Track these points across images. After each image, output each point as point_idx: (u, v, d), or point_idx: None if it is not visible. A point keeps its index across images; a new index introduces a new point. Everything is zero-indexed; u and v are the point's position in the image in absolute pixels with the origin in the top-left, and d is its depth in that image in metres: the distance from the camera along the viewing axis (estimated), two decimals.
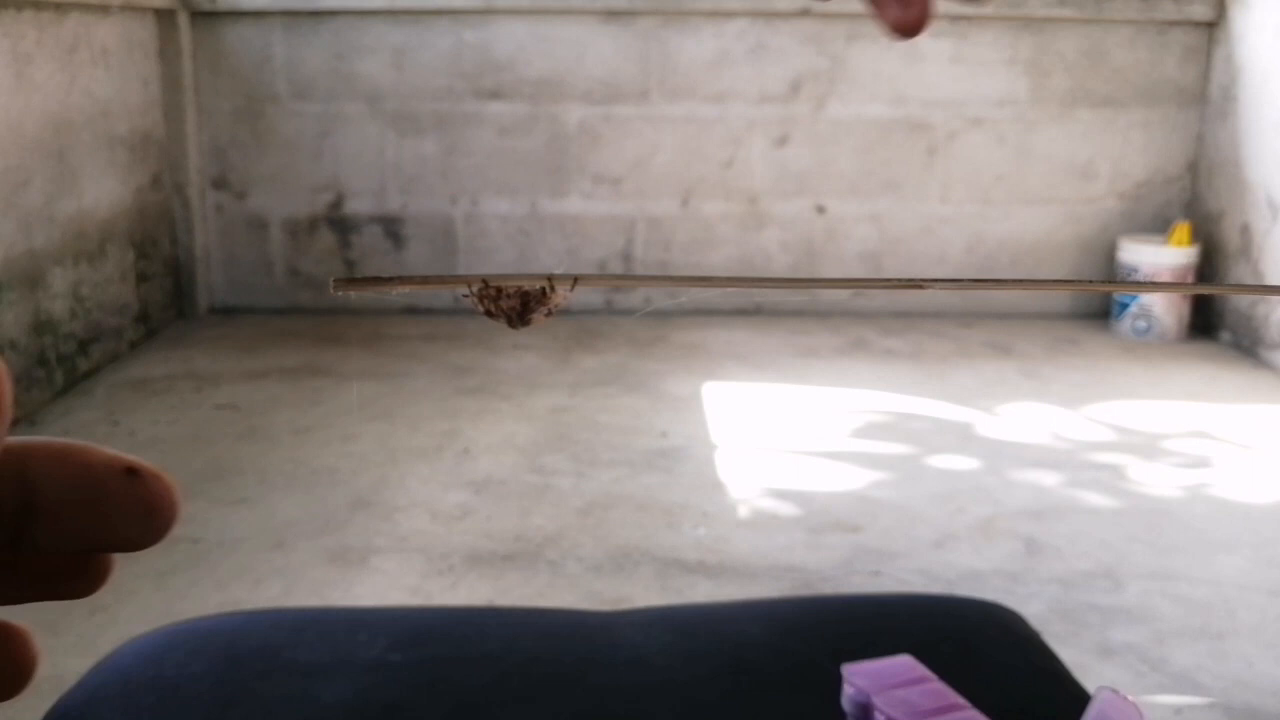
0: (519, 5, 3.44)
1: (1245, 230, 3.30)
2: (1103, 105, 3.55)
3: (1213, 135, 3.50)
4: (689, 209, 3.59)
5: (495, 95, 3.50)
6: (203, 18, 3.43)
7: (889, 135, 3.55)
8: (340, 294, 0.31)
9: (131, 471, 0.25)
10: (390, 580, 1.88)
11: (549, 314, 0.36)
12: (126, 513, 0.25)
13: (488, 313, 0.35)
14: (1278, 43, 3.17)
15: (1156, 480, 2.35)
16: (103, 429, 2.55)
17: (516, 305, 0.36)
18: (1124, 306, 3.44)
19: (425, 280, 0.32)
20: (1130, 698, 0.60)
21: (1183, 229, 3.39)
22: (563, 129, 3.53)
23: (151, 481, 0.25)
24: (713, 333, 3.41)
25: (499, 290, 0.35)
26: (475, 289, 0.35)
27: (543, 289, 0.35)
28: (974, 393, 2.90)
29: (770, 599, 1.27)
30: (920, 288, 0.29)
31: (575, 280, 0.35)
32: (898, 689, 0.63)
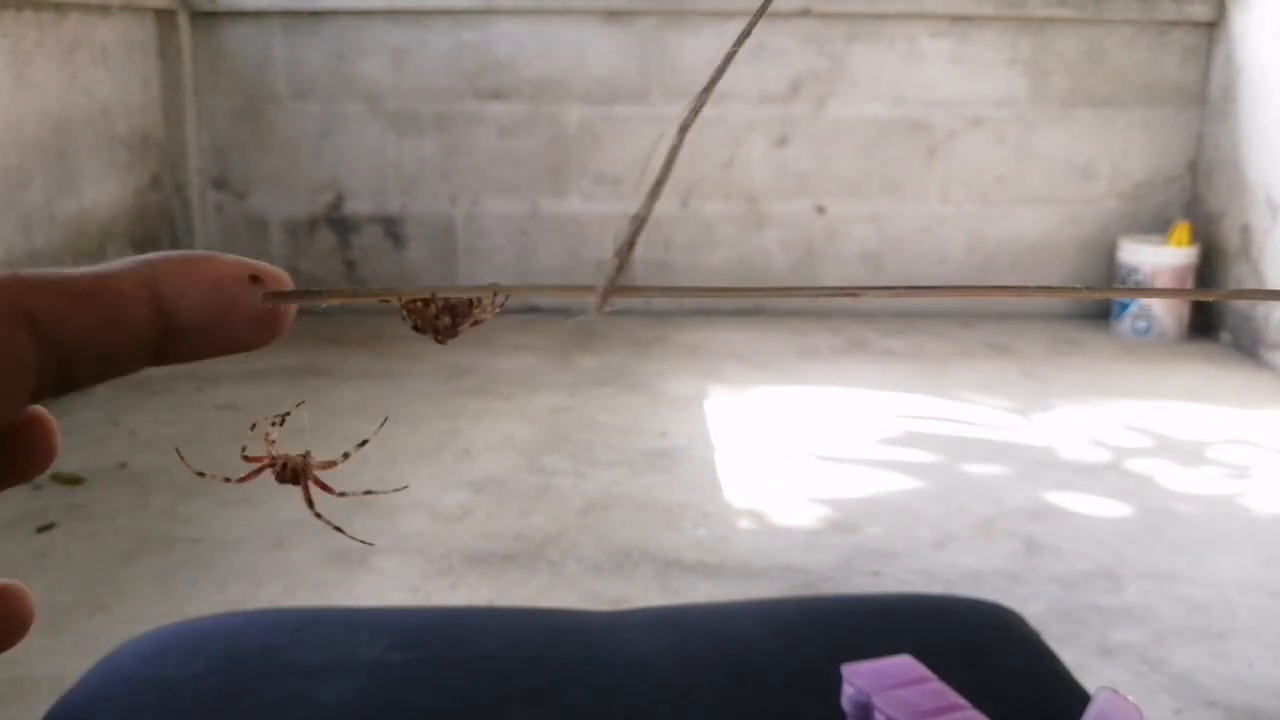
0: (519, 5, 3.44)
1: (1245, 230, 3.30)
2: (1103, 105, 3.55)
3: (1213, 135, 3.50)
4: (689, 209, 3.59)
5: (495, 95, 3.50)
6: (203, 18, 3.43)
7: (889, 135, 3.55)
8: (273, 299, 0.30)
9: (255, 279, 0.26)
10: (390, 580, 1.88)
11: (475, 324, 0.36)
12: (253, 320, 0.26)
13: (415, 327, 0.35)
14: (1278, 43, 3.17)
15: (1157, 480, 2.35)
16: (103, 429, 2.55)
17: (447, 321, 0.36)
18: (1124, 307, 3.44)
19: (354, 293, 0.32)
20: (1130, 698, 0.60)
21: (1183, 229, 3.39)
22: (563, 129, 3.53)
23: (273, 284, 0.26)
24: (713, 333, 3.41)
25: (426, 304, 0.35)
26: (404, 301, 0.35)
27: (470, 301, 0.35)
28: (974, 393, 2.90)
29: (770, 599, 1.27)
30: (855, 295, 0.28)
31: (502, 295, 0.34)
32: (898, 689, 0.63)
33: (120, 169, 3.13)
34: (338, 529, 0.43)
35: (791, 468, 2.39)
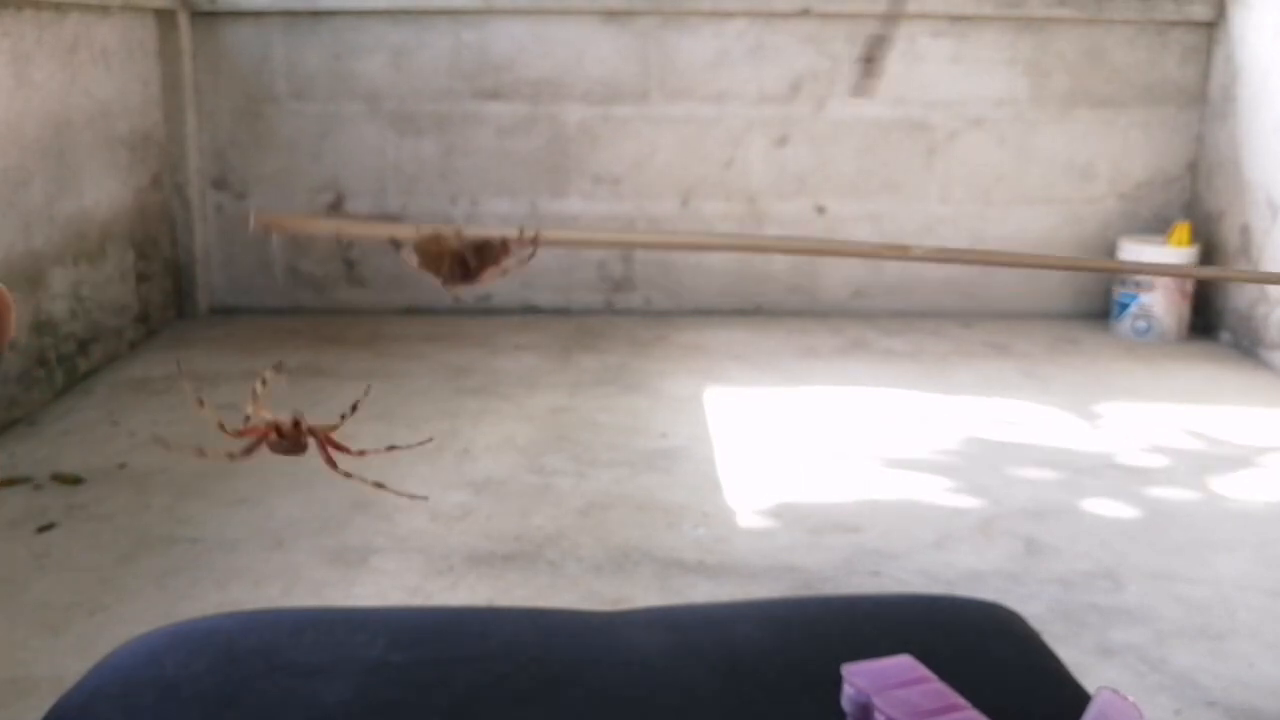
0: (519, 5, 3.44)
1: (1245, 230, 3.30)
2: (1103, 105, 3.55)
3: (1213, 135, 3.50)
4: (689, 209, 3.59)
5: (495, 95, 3.50)
6: (203, 18, 3.43)
7: (889, 135, 3.55)
8: (262, 232, 0.30)
9: None
10: (390, 580, 1.88)
11: (503, 273, 0.35)
12: None
13: (434, 273, 0.34)
14: (1278, 43, 3.17)
15: (1156, 480, 2.35)
16: (103, 429, 2.55)
17: (457, 269, 0.34)
18: (1124, 307, 3.44)
19: (355, 226, 0.30)
20: (1130, 698, 0.60)
21: (1183, 229, 3.39)
22: (563, 129, 3.53)
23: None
24: (713, 333, 3.41)
25: (440, 242, 0.33)
26: (422, 233, 0.33)
27: (499, 244, 0.33)
28: (974, 393, 2.90)
29: (770, 599, 1.27)
30: (907, 256, 0.28)
31: (535, 242, 0.33)
32: (898, 689, 0.63)
33: (120, 169, 3.13)
34: (378, 484, 0.42)
35: (792, 467, 2.39)
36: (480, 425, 2.61)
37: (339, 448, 0.40)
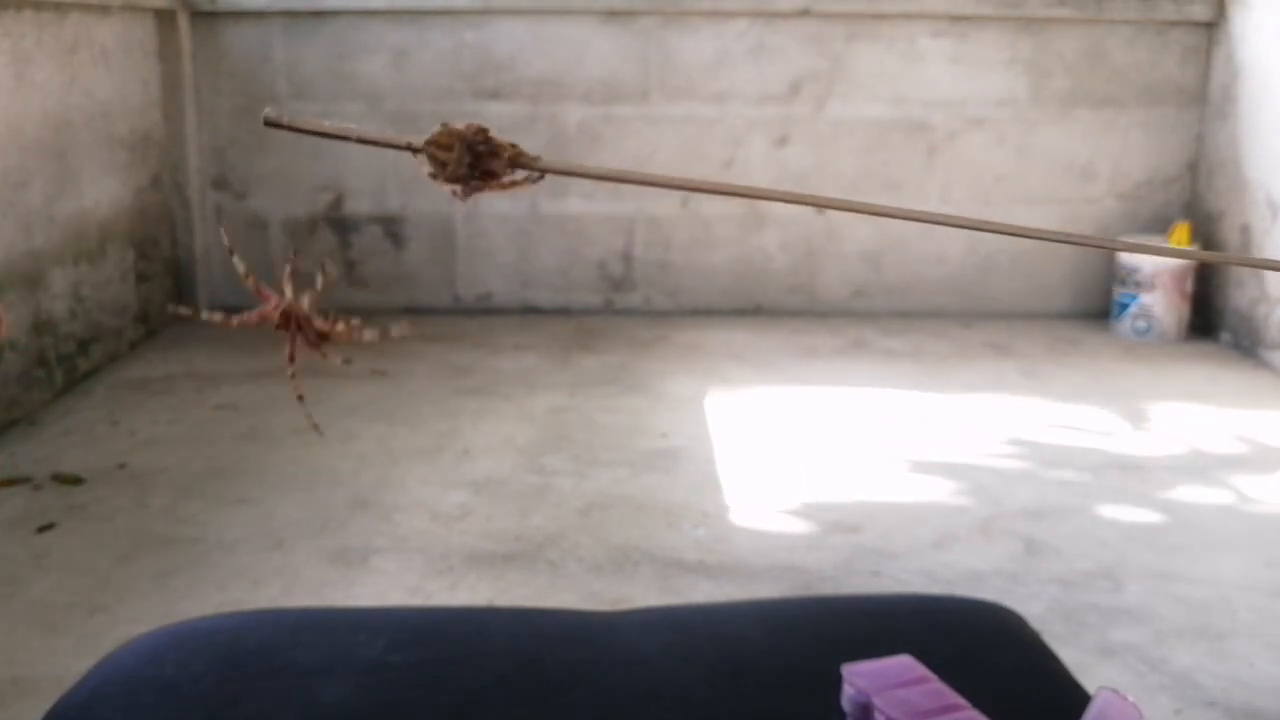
0: (519, 5, 3.44)
1: (1245, 230, 3.30)
2: (1103, 105, 3.55)
3: (1213, 135, 3.50)
4: (689, 209, 3.59)
5: (495, 95, 3.50)
6: (203, 18, 3.43)
7: (889, 135, 3.55)
8: (272, 125, 0.30)
9: None
10: (390, 580, 1.88)
11: (512, 185, 0.35)
12: None
13: (434, 175, 0.34)
14: (1278, 43, 3.17)
15: (1157, 480, 2.35)
16: (103, 429, 2.56)
17: (465, 167, 0.35)
18: (1124, 307, 3.44)
19: (365, 138, 0.31)
20: (1130, 698, 0.60)
21: (1183, 229, 3.39)
22: (563, 129, 3.53)
23: None
24: (712, 333, 3.41)
25: (451, 135, 0.34)
26: (435, 131, 0.34)
27: (512, 158, 0.34)
28: (974, 393, 2.90)
29: (770, 599, 1.27)
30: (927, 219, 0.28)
31: (541, 174, 0.34)
32: (898, 689, 0.63)
33: (120, 169, 3.13)
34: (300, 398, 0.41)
35: (791, 467, 2.39)
36: (480, 425, 2.61)
37: (326, 337, 0.40)
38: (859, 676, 0.64)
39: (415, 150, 0.32)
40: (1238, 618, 1.80)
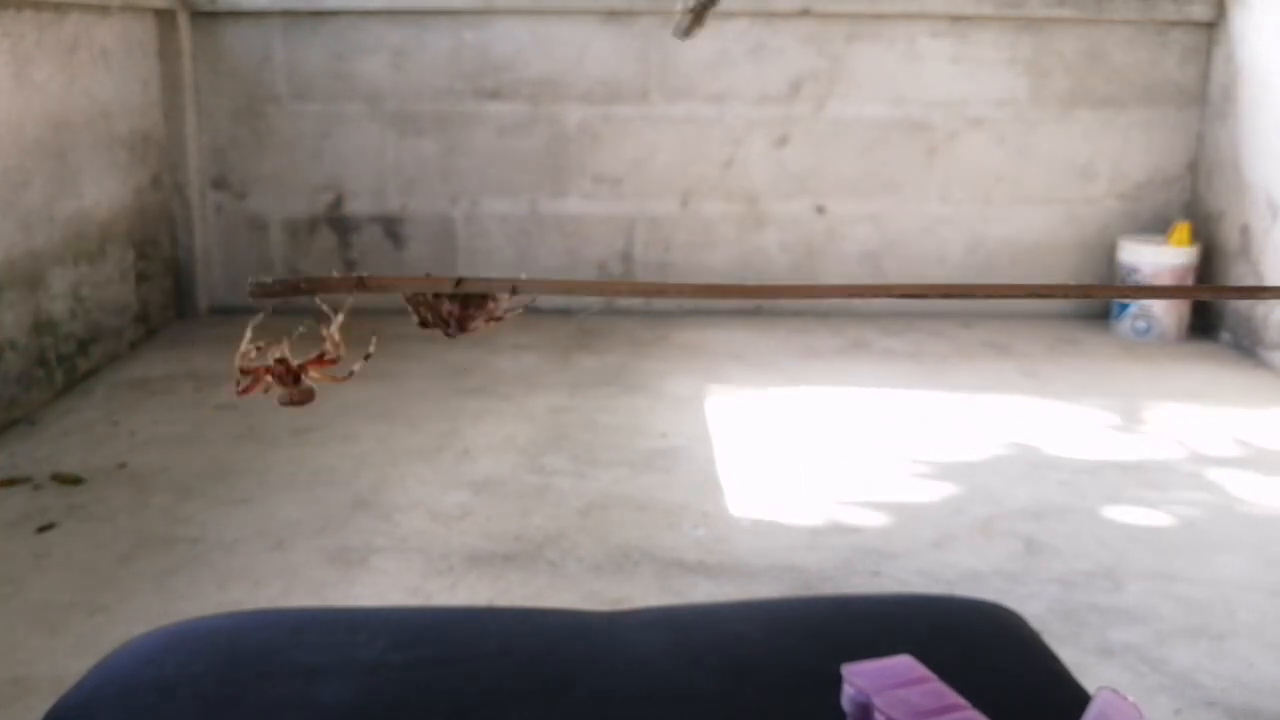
0: (519, 5, 3.44)
1: (1245, 230, 3.30)
2: (1103, 105, 3.55)
3: (1213, 135, 3.50)
4: (689, 209, 3.59)
5: (495, 95, 3.50)
6: (203, 18, 3.43)
7: (889, 135, 3.55)
8: (257, 301, 0.30)
9: None
10: (390, 580, 1.88)
11: (492, 320, 0.35)
12: None
13: (423, 322, 0.35)
14: (1278, 43, 3.17)
15: (1156, 480, 2.35)
16: (103, 429, 2.55)
17: (455, 310, 0.35)
18: (1124, 307, 3.44)
19: (357, 283, 0.31)
20: (1130, 698, 0.60)
21: (1183, 229, 3.39)
22: (563, 129, 3.53)
23: None
24: (713, 333, 3.41)
25: (437, 295, 0.34)
26: (409, 294, 0.34)
27: (484, 296, 0.34)
28: (974, 393, 2.90)
29: (770, 600, 1.27)
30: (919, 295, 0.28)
31: (515, 290, 0.34)
32: (898, 689, 0.63)
33: (120, 169, 3.13)
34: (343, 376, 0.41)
35: (791, 467, 2.39)
36: (480, 425, 2.61)
37: (325, 363, 0.40)
38: (859, 676, 0.64)
39: (406, 302, 0.32)
40: (1238, 618, 1.80)
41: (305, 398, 0.40)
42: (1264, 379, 3.08)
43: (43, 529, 2.04)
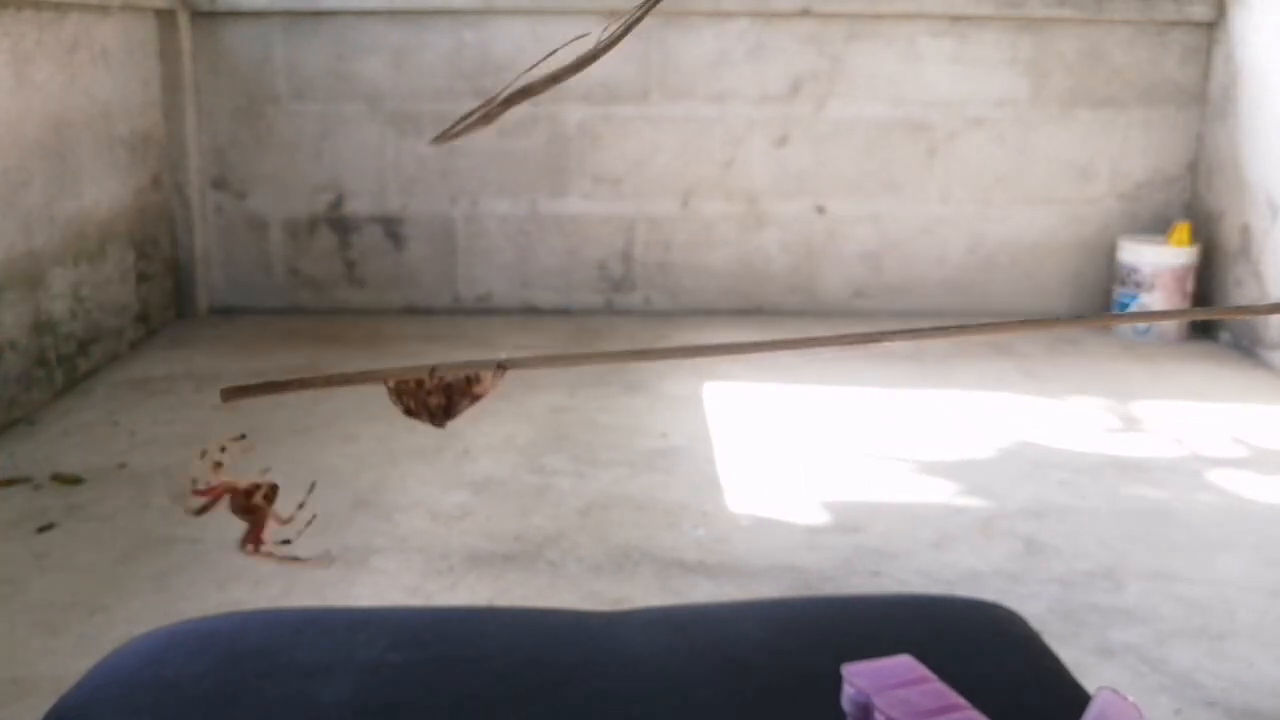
0: (519, 5, 3.44)
1: (1245, 230, 3.30)
2: (1103, 105, 3.55)
3: (1213, 135, 3.50)
4: (689, 209, 3.59)
5: None
6: (203, 18, 3.43)
7: (889, 135, 3.55)
8: (230, 404, 0.29)
9: None
10: (390, 580, 1.88)
11: (475, 400, 0.35)
12: None
13: (407, 410, 0.34)
14: (1278, 43, 3.17)
15: (1156, 480, 2.35)
16: (103, 429, 2.55)
17: (441, 401, 0.35)
18: (1124, 307, 3.44)
19: (328, 380, 0.31)
20: (1130, 698, 0.60)
21: (1183, 229, 3.39)
22: (563, 129, 3.53)
23: None
24: (712, 333, 3.41)
25: (419, 384, 0.34)
26: (392, 385, 0.34)
27: (467, 379, 0.34)
28: (974, 393, 2.90)
29: (770, 600, 1.27)
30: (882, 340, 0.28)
31: (503, 368, 0.33)
32: (898, 689, 0.63)
33: (120, 169, 3.13)
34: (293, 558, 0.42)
35: (791, 468, 2.39)
36: (480, 425, 2.61)
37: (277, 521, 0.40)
38: (859, 676, 0.64)
39: (389, 390, 0.32)
40: (1238, 618, 1.80)
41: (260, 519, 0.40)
42: (1264, 379, 3.08)
43: (43, 529, 2.04)
